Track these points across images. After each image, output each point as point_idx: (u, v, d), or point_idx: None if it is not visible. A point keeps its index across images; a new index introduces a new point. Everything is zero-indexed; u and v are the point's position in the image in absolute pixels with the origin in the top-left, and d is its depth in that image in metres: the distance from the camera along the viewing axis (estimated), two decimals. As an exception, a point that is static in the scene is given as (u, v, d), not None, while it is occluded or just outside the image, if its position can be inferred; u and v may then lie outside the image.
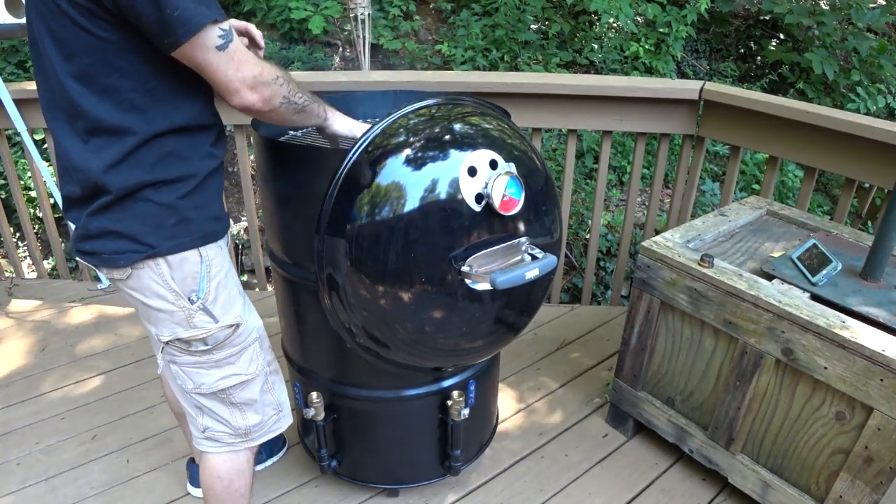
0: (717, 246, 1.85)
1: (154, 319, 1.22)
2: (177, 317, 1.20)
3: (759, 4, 5.10)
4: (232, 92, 1.07)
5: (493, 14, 5.01)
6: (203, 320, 1.22)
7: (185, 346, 1.24)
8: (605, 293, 3.76)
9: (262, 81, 1.08)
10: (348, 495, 1.86)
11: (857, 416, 1.45)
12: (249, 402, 1.35)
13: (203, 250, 1.20)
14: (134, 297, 1.21)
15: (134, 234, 1.13)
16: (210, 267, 1.21)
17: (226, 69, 1.05)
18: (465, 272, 1.27)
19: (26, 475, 1.95)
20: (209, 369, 1.28)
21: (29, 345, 2.56)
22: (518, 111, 2.36)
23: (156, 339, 1.27)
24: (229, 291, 1.26)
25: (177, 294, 1.19)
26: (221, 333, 1.25)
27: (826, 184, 4.61)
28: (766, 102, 2.16)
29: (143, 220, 1.13)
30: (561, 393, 2.31)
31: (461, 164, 1.23)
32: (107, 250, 1.14)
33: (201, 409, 1.33)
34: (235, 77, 1.05)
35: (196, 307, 1.20)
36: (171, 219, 1.14)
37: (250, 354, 1.32)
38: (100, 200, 1.11)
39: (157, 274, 1.17)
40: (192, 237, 1.18)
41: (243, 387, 1.33)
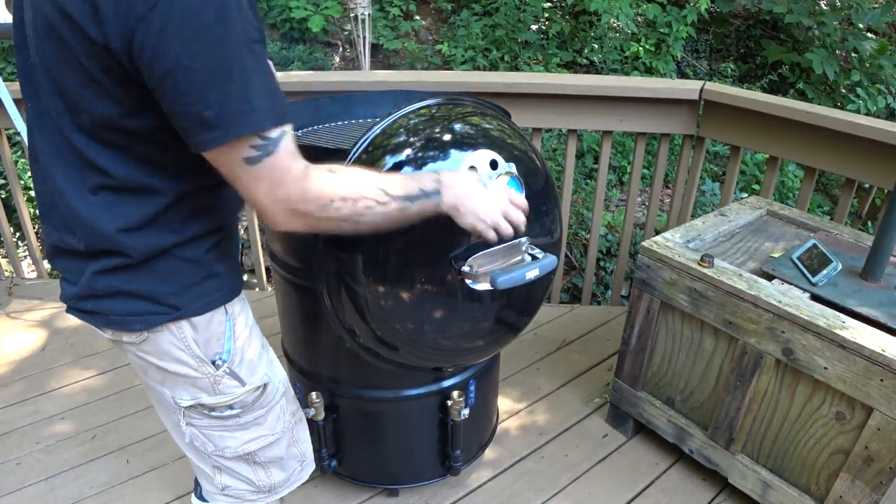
0: (717, 246, 1.85)
1: (171, 383, 1.06)
2: (200, 383, 1.05)
3: (759, 4, 5.10)
4: (263, 214, 0.87)
5: (493, 14, 5.02)
6: (230, 385, 1.07)
7: (209, 410, 1.09)
8: (605, 293, 3.76)
9: (307, 209, 0.86)
10: (348, 495, 1.86)
11: (857, 417, 1.45)
12: (275, 461, 1.22)
13: (229, 306, 1.04)
14: (146, 361, 1.04)
15: (154, 295, 0.96)
16: (235, 324, 1.06)
17: (254, 187, 0.83)
18: (465, 272, 1.26)
19: (26, 475, 1.95)
20: (234, 432, 1.13)
21: (29, 345, 2.56)
22: (518, 111, 2.36)
23: (169, 401, 1.08)
24: (254, 348, 1.12)
25: (200, 360, 1.03)
26: (250, 397, 1.10)
27: (826, 184, 4.61)
28: (766, 102, 2.16)
29: (166, 278, 0.96)
30: (561, 393, 2.31)
31: (461, 165, 1.23)
32: (117, 311, 0.97)
33: (221, 468, 1.19)
34: (267, 198, 0.84)
35: (222, 372, 1.05)
36: (198, 275, 0.98)
37: (278, 412, 1.18)
38: (113, 261, 0.93)
39: (178, 338, 1.00)
40: (220, 293, 1.02)
41: (271, 446, 1.19)
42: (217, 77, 0.76)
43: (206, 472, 1.20)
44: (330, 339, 1.59)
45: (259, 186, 0.83)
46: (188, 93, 0.76)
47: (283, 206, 0.85)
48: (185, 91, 0.76)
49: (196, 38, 0.74)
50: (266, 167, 0.82)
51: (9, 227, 2.99)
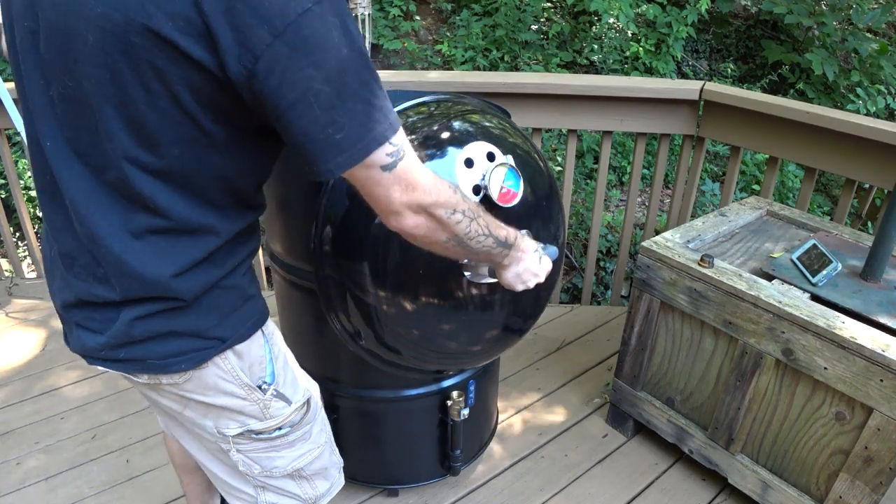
0: (717, 246, 1.85)
1: (215, 415, 1.01)
2: (249, 410, 1.01)
3: (759, 5, 5.10)
4: (390, 214, 0.86)
5: (493, 14, 5.02)
6: (278, 407, 1.04)
7: (257, 434, 1.05)
8: (605, 293, 3.76)
9: (437, 213, 0.88)
10: (348, 495, 1.86)
11: (857, 417, 1.45)
12: (320, 472, 1.20)
13: (265, 328, 1.02)
14: (186, 398, 0.98)
15: (198, 331, 0.91)
16: (273, 345, 1.04)
17: (391, 191, 0.83)
18: (465, 264, 1.26)
19: (26, 475, 1.95)
20: (282, 451, 1.10)
21: (29, 345, 2.56)
22: (518, 111, 2.36)
23: (212, 432, 1.03)
24: (291, 364, 1.10)
25: (249, 387, 0.99)
26: (297, 415, 1.08)
27: (826, 184, 4.61)
28: (766, 103, 2.16)
29: (209, 311, 0.91)
30: (561, 393, 2.31)
31: (458, 156, 1.23)
32: (157, 355, 0.90)
33: (265, 487, 1.14)
34: (403, 198, 0.84)
35: (269, 395, 1.02)
36: (238, 301, 0.95)
37: (321, 424, 1.17)
38: (158, 306, 0.88)
39: (224, 370, 0.96)
40: (258, 315, 0.99)
41: (317, 459, 1.17)
42: (347, 97, 0.75)
43: (246, 492, 1.15)
44: (330, 339, 1.59)
45: (395, 189, 0.83)
46: (319, 118, 0.75)
47: (417, 206, 0.85)
48: (315, 117, 0.75)
49: (325, 61, 0.73)
50: (400, 171, 0.82)
51: (9, 227, 2.99)
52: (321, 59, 0.72)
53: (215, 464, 1.14)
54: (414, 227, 0.87)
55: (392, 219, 0.87)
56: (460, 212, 0.91)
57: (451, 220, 0.90)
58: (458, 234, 0.92)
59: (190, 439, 1.15)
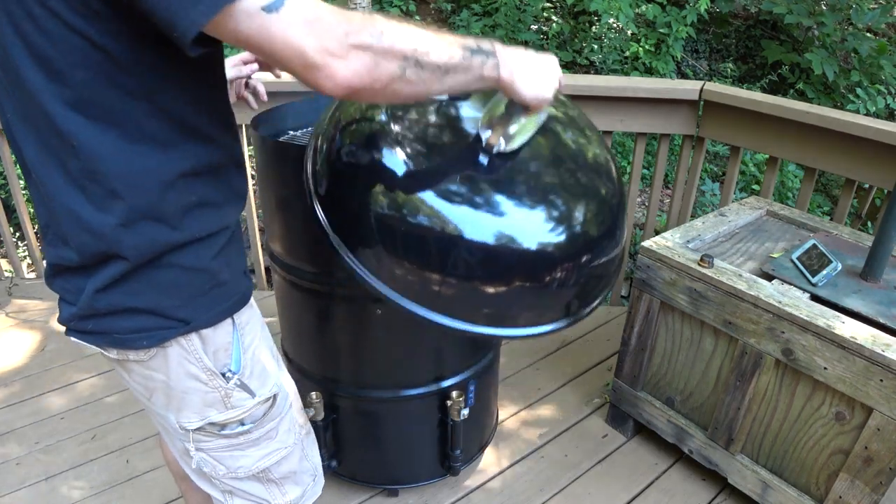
0: (717, 246, 1.85)
1: (177, 404, 0.99)
2: (210, 398, 0.99)
3: (759, 5, 5.10)
4: (313, 70, 0.71)
5: (493, 14, 5.02)
6: (240, 398, 1.01)
7: (218, 428, 1.02)
8: (605, 293, 3.76)
9: (364, 41, 0.72)
10: (348, 495, 1.86)
11: (857, 417, 1.46)
12: (289, 476, 1.16)
13: (236, 316, 0.98)
14: (152, 379, 0.97)
15: (160, 309, 0.89)
16: (243, 335, 1.00)
17: (294, 38, 0.69)
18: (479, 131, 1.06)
19: (26, 475, 1.95)
20: (246, 450, 1.06)
21: (29, 345, 2.56)
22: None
23: (174, 426, 1.02)
24: (264, 358, 1.06)
25: (211, 372, 0.97)
26: (260, 409, 1.04)
27: (826, 184, 4.61)
28: (766, 103, 2.16)
29: (170, 290, 0.89)
30: (561, 393, 2.31)
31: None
32: (121, 329, 0.90)
33: (232, 492, 1.11)
34: (317, 43, 0.69)
35: (232, 384, 0.99)
36: (205, 285, 0.92)
37: (288, 423, 1.13)
38: (109, 270, 0.85)
39: (188, 351, 0.94)
40: (229, 303, 0.96)
41: (284, 461, 1.13)
42: None
43: (216, 498, 1.14)
44: (330, 339, 1.59)
45: (295, 31, 0.68)
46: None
47: (338, 44, 0.70)
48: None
49: None
50: (293, 4, 0.68)
51: (9, 227, 2.99)
52: None
53: (186, 464, 1.12)
54: (352, 74, 0.72)
55: (319, 76, 0.71)
56: (389, 28, 0.74)
57: (386, 40, 0.73)
58: (409, 54, 0.75)
59: (165, 435, 1.13)
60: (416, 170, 1.06)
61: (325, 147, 1.14)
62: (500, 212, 1.06)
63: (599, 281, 1.21)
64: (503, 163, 1.07)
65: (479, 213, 1.04)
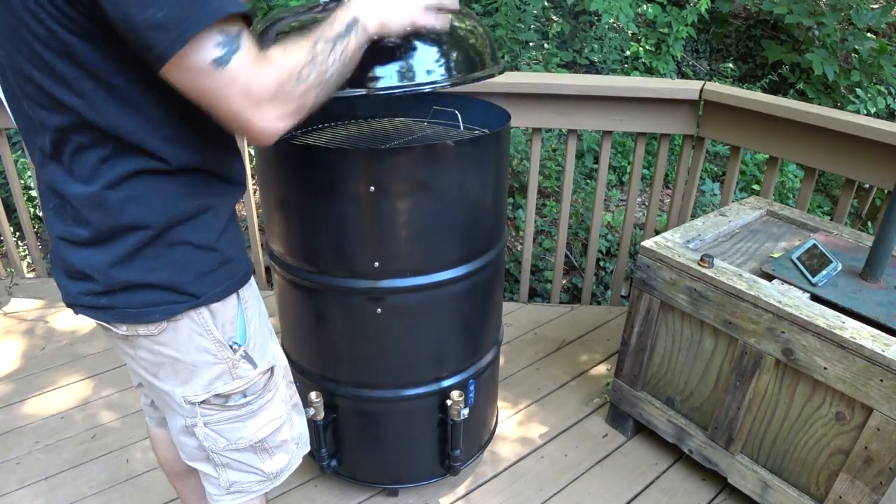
0: (717, 246, 1.85)
1: (184, 377, 1.05)
2: (217, 369, 1.05)
3: (759, 5, 5.10)
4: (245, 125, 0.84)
5: (493, 14, 5.01)
6: (245, 369, 1.08)
7: (223, 401, 1.08)
8: (605, 293, 3.76)
9: (286, 90, 0.84)
10: (348, 495, 1.86)
11: (857, 417, 1.45)
12: (281, 444, 1.22)
13: (241, 291, 1.06)
14: (160, 354, 1.02)
15: (172, 285, 0.95)
16: (247, 309, 1.07)
17: (231, 95, 0.80)
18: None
19: (26, 475, 1.95)
20: (246, 421, 1.13)
21: (29, 345, 2.56)
22: (518, 111, 2.36)
23: (178, 402, 1.07)
24: (263, 331, 1.14)
25: (220, 343, 1.03)
26: (261, 380, 1.12)
27: (826, 184, 4.61)
28: (766, 102, 2.16)
29: (182, 267, 0.95)
30: (561, 393, 2.31)
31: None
32: (135, 304, 0.95)
33: (228, 465, 1.17)
34: (247, 100, 0.81)
35: (239, 355, 1.06)
36: (213, 262, 0.99)
37: (282, 394, 1.19)
38: (127, 242, 0.91)
39: (199, 324, 1.00)
40: (235, 278, 1.03)
41: (279, 430, 1.19)
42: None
43: (209, 474, 1.19)
44: (330, 338, 1.59)
45: (235, 92, 0.79)
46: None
47: (267, 100, 0.82)
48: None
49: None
50: (237, 65, 0.78)
51: (9, 227, 2.99)
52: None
53: (183, 448, 1.18)
54: (280, 118, 0.84)
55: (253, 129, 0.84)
56: (304, 65, 0.85)
57: (304, 83, 0.85)
58: (318, 84, 0.87)
59: (167, 417, 1.18)
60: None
61: None
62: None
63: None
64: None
65: None
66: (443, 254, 1.48)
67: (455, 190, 1.42)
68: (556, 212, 3.86)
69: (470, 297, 1.59)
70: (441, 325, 1.58)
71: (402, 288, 1.47)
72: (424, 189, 1.38)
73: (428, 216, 1.42)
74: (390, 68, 1.17)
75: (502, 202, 1.61)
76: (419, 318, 1.54)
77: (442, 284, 1.50)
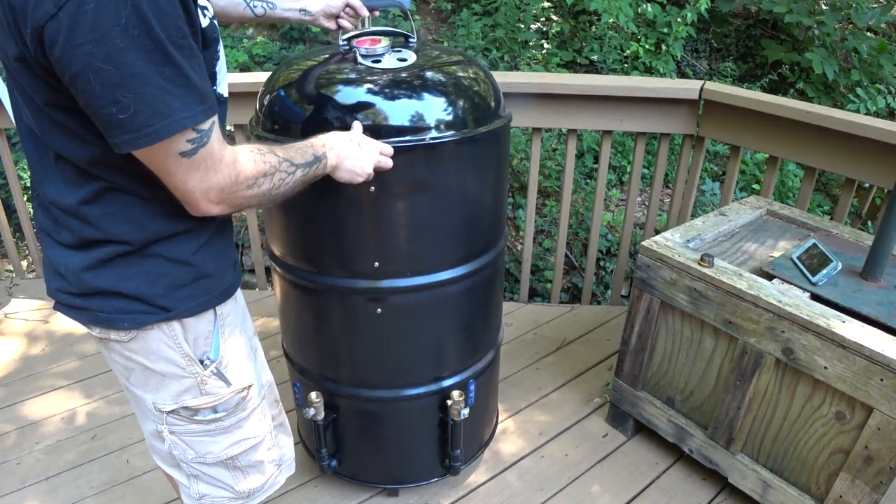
0: (717, 246, 1.85)
1: (154, 385, 1.05)
2: (186, 382, 1.04)
3: (759, 4, 5.10)
4: (189, 203, 0.89)
5: (493, 14, 5.01)
6: (216, 386, 1.06)
7: (191, 413, 1.07)
8: (605, 293, 3.76)
9: (237, 191, 0.90)
10: (348, 495, 1.86)
11: (857, 416, 1.45)
12: (255, 464, 1.20)
13: (220, 308, 1.05)
14: (131, 360, 1.03)
15: (144, 296, 0.96)
16: (224, 325, 1.06)
17: (187, 178, 0.85)
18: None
19: (26, 475, 1.95)
20: (216, 436, 1.11)
21: (29, 345, 2.56)
22: (518, 111, 2.36)
23: (149, 408, 1.07)
24: (242, 349, 1.12)
25: (189, 358, 1.02)
26: (233, 399, 1.10)
27: (826, 184, 4.60)
28: (766, 102, 2.16)
29: (154, 279, 0.96)
30: (561, 393, 2.31)
31: None
32: (106, 309, 0.97)
33: (198, 476, 1.17)
34: (200, 185, 0.86)
35: (209, 372, 1.05)
36: (187, 277, 0.98)
37: (259, 414, 1.17)
38: (101, 251, 0.93)
39: (168, 336, 1.00)
40: (211, 294, 1.02)
41: (252, 450, 1.18)
42: (132, 79, 0.75)
43: (182, 483, 1.19)
44: (329, 338, 1.59)
45: (192, 176, 0.85)
46: (100, 95, 0.75)
47: (216, 192, 0.88)
48: (96, 93, 0.75)
49: (107, 39, 0.73)
50: (200, 158, 0.84)
51: (9, 227, 2.99)
52: (102, 36, 0.73)
53: (157, 444, 1.17)
54: (213, 209, 0.90)
55: (193, 207, 0.89)
56: (261, 176, 0.93)
57: (254, 189, 0.92)
58: (266, 194, 0.95)
59: (140, 415, 1.18)
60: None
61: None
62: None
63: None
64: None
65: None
66: (443, 254, 1.48)
67: (455, 190, 1.42)
68: (556, 212, 3.86)
69: (470, 297, 1.59)
70: (441, 324, 1.58)
71: (402, 288, 1.47)
72: (424, 189, 1.38)
73: (428, 216, 1.42)
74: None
75: (502, 202, 1.61)
76: (419, 318, 1.54)
77: (442, 284, 1.50)
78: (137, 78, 0.75)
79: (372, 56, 1.38)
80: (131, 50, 0.74)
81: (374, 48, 1.38)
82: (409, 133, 1.30)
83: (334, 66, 1.40)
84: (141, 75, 0.75)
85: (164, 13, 0.75)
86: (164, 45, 0.76)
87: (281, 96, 1.38)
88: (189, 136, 0.82)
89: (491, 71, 1.59)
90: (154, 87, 0.76)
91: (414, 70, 1.36)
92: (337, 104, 1.32)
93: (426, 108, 1.32)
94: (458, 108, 1.36)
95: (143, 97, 0.76)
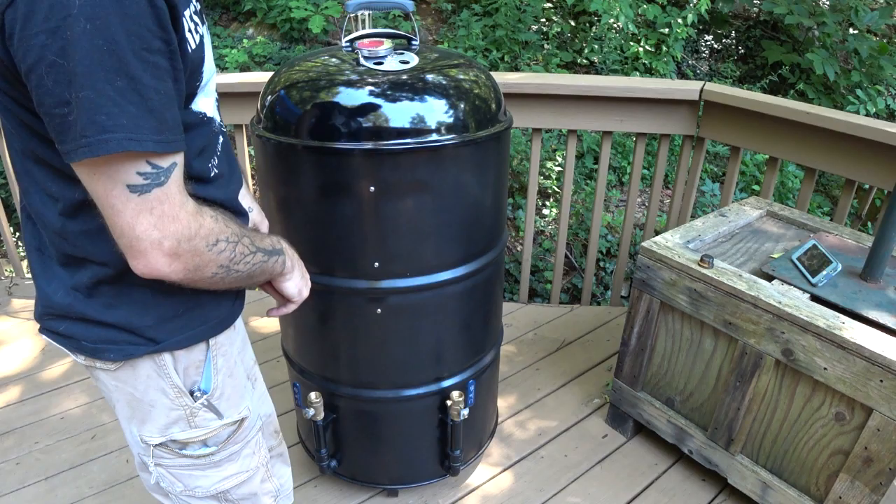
0: (717, 246, 1.85)
1: (141, 417, 0.98)
2: (174, 415, 0.97)
3: (759, 5, 5.10)
4: (135, 253, 0.75)
5: (493, 14, 5.01)
6: (206, 418, 0.99)
7: (179, 447, 1.00)
8: (605, 293, 3.76)
9: (196, 247, 0.78)
10: (348, 495, 1.87)
11: (857, 417, 1.46)
12: (248, 497, 1.14)
13: (214, 339, 0.97)
14: (118, 390, 0.96)
15: (131, 327, 0.89)
16: (217, 356, 0.99)
17: (136, 221, 0.72)
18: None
19: (26, 475, 1.95)
20: (206, 470, 1.05)
21: (29, 345, 2.57)
22: (518, 111, 2.37)
23: (136, 440, 1.01)
24: (237, 380, 1.04)
25: (178, 389, 0.95)
26: (224, 432, 1.03)
27: (826, 184, 4.61)
28: (766, 103, 2.16)
29: (142, 310, 0.89)
30: (561, 393, 2.31)
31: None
32: (91, 338, 0.89)
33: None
34: (153, 233, 0.73)
35: (199, 404, 0.98)
36: (178, 308, 0.91)
37: (253, 447, 1.11)
38: (84, 273, 0.86)
39: (158, 366, 0.93)
40: (205, 326, 0.95)
41: (244, 484, 1.11)
42: (88, 79, 0.66)
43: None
44: (329, 339, 1.59)
45: (143, 220, 0.73)
46: (53, 92, 0.67)
47: (172, 242, 0.75)
48: (49, 90, 0.67)
49: (65, 30, 0.65)
50: (155, 199, 0.72)
51: (9, 227, 2.99)
52: (56, 26, 0.65)
53: (143, 480, 1.11)
54: (171, 271, 0.77)
55: (139, 260, 0.75)
56: (223, 240, 0.82)
57: (214, 251, 0.81)
58: (224, 263, 0.83)
59: (129, 443, 1.12)
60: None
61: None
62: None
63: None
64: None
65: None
66: (443, 254, 1.48)
67: (455, 190, 1.42)
68: (556, 212, 3.86)
69: (470, 298, 1.59)
70: (441, 325, 1.58)
71: (402, 288, 1.47)
72: (425, 189, 1.38)
73: (428, 216, 1.42)
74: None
75: (502, 202, 1.61)
76: (419, 318, 1.54)
77: (442, 285, 1.50)
78: (81, 77, 0.66)
79: (374, 58, 1.38)
80: (81, 42, 0.65)
81: (376, 50, 1.38)
82: (410, 135, 1.30)
83: (336, 68, 1.40)
84: (84, 75, 0.66)
85: (126, 14, 0.66)
86: (119, 49, 0.67)
87: (283, 97, 1.38)
88: (140, 168, 0.71)
89: (491, 71, 1.59)
90: (96, 92, 0.66)
91: (416, 72, 1.36)
92: (339, 106, 1.32)
93: (428, 111, 1.32)
94: (459, 110, 1.36)
95: (81, 101, 0.66)
